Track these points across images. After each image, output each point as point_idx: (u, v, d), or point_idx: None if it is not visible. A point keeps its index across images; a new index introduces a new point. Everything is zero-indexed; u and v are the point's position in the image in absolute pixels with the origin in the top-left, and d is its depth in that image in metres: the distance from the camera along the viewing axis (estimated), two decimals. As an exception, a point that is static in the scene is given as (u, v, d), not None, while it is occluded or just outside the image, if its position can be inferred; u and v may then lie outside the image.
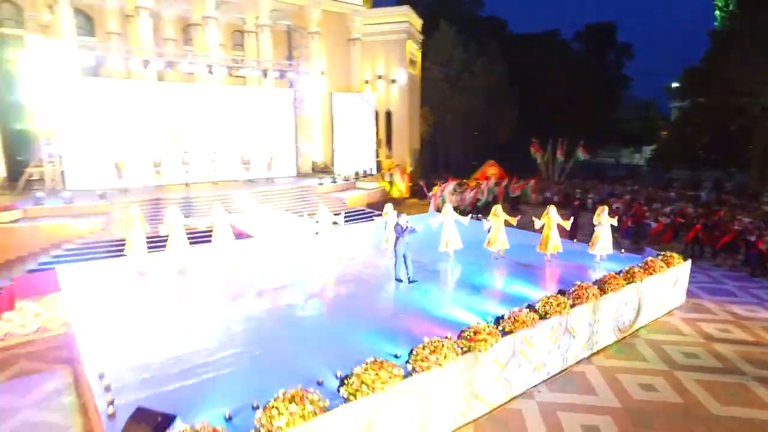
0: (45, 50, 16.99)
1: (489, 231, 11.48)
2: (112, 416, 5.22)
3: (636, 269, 9.58)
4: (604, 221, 11.05)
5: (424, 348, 6.16)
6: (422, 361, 6.05)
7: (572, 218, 12.04)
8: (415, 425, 6.00)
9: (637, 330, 9.71)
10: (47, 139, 17.50)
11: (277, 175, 22.67)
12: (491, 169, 27.71)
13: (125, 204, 16.04)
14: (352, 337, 7.16)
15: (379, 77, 27.70)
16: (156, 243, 12.32)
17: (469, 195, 20.88)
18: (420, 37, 29.26)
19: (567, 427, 6.63)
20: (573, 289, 8.45)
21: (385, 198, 23.21)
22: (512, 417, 6.86)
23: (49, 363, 8.51)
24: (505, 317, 7.29)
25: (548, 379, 7.84)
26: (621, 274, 9.34)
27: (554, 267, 10.93)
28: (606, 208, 11.49)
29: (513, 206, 22.99)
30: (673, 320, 10.27)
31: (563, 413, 6.95)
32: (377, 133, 28.73)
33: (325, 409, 5.15)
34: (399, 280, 9.60)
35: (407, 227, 9.37)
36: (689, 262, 11.19)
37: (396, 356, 6.35)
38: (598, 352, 8.78)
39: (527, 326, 7.27)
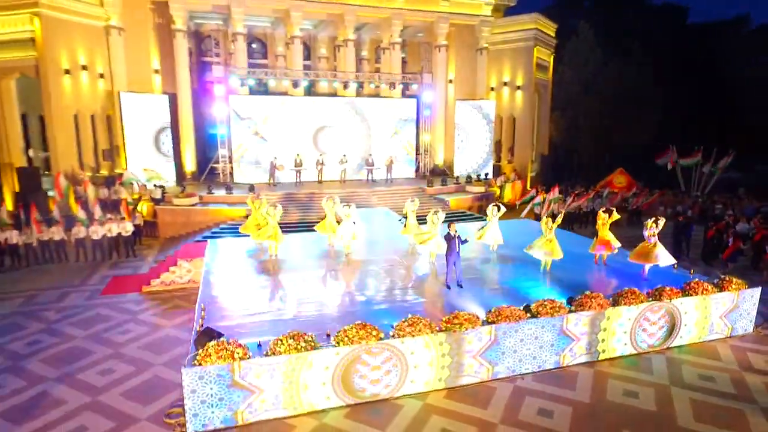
0: (223, 74, 22.43)
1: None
2: (199, 330, 8.36)
3: (667, 289, 9.72)
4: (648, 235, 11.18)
5: (404, 322, 8.06)
6: (400, 330, 7.96)
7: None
8: (393, 377, 7.93)
9: (670, 348, 9.82)
10: (222, 143, 23.10)
11: (398, 176, 25.53)
12: (619, 178, 26.34)
13: (268, 197, 20.53)
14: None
15: (505, 84, 28.42)
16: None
17: (573, 204, 20.74)
18: (553, 41, 29.01)
19: (525, 407, 7.81)
20: (580, 297, 9.25)
21: (493, 202, 24.27)
22: (484, 392, 8.25)
23: (191, 303, 12.41)
24: (492, 310, 8.67)
25: (539, 371, 8.88)
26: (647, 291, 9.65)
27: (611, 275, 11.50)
28: (658, 220, 11.35)
29: (630, 218, 21.94)
30: (720, 346, 9.97)
31: (530, 398, 8.08)
32: (500, 139, 29.59)
33: (314, 347, 7.50)
34: (448, 287, 10.60)
35: (456, 236, 10.49)
36: (758, 289, 10.53)
37: (392, 326, 8.31)
38: (606, 359, 9.32)
39: (510, 320, 8.53)
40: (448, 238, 10.64)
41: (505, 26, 27.79)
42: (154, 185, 21.06)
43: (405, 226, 13.78)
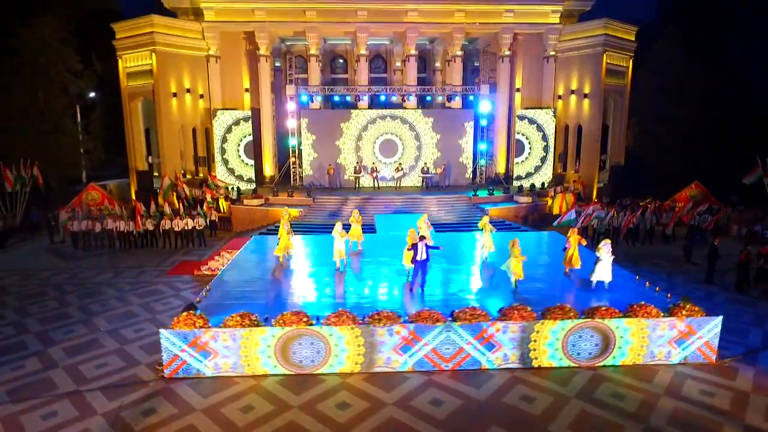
0: (295, 92, 25.76)
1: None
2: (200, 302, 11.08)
3: (602, 308, 10.07)
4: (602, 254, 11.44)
5: (333, 314, 9.87)
6: (327, 320, 9.80)
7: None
8: (317, 355, 9.79)
9: (605, 366, 10.12)
10: (293, 151, 26.52)
11: (455, 183, 26.73)
12: (693, 191, 24.27)
13: (322, 200, 23.40)
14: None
15: (572, 92, 27.68)
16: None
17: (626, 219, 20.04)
18: (631, 45, 27.37)
19: (422, 396, 9.06)
20: (506, 308, 10.13)
21: (543, 213, 24.25)
22: (397, 379, 9.65)
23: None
24: (409, 313, 10.05)
25: (458, 369, 9.97)
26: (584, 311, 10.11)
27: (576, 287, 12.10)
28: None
29: (692, 235, 20.43)
30: (665, 371, 9.95)
31: (434, 389, 9.27)
32: (567, 148, 28.91)
33: (256, 325, 9.70)
34: (411, 291, 12.14)
35: (420, 243, 11.80)
36: (718, 318, 10.22)
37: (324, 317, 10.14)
38: (537, 367, 10.01)
39: (428, 322, 9.80)
40: (414, 244, 12.08)
41: (573, 33, 27.15)
42: (231, 187, 25.10)
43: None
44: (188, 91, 26.22)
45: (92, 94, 30.11)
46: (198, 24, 26.12)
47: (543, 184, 26.46)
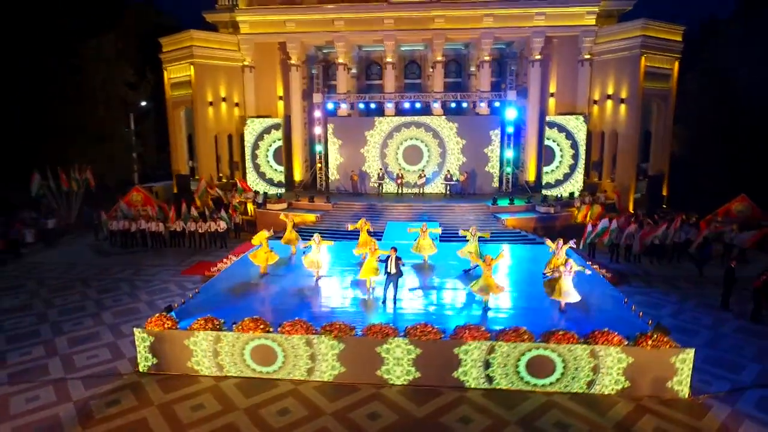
0: (321, 99, 26.59)
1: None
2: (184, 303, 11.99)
3: (559, 333, 9.75)
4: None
5: (289, 323, 10.33)
6: (282, 329, 10.28)
7: None
8: (273, 361, 10.30)
9: (563, 393, 9.81)
10: (319, 157, 27.38)
11: (479, 191, 26.38)
12: (738, 205, 22.24)
13: (341, 206, 24.03)
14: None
15: (608, 97, 26.27)
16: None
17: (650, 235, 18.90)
18: (677, 46, 25.47)
19: (364, 408, 9.30)
20: (459, 327, 10.10)
21: (568, 225, 23.31)
22: (348, 390, 9.92)
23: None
24: (366, 326, 10.27)
25: (409, 384, 10.10)
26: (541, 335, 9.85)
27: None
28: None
29: (727, 252, 18.89)
30: (625, 403, 9.44)
31: (377, 402, 9.46)
32: (602, 156, 27.53)
33: (219, 329, 10.38)
34: (383, 303, 12.18)
35: (390, 257, 11.97)
36: (690, 351, 9.54)
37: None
38: (488, 389, 9.91)
39: (378, 336, 10.00)
40: (380, 259, 12.32)
41: (610, 35, 25.79)
42: (257, 192, 26.34)
43: (416, 244, 15.60)
44: (224, 99, 27.88)
45: (143, 103, 32.72)
46: (234, 36, 27.70)
47: (571, 194, 25.38)
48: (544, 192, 26.18)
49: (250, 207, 25.04)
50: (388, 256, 12.11)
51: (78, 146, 26.85)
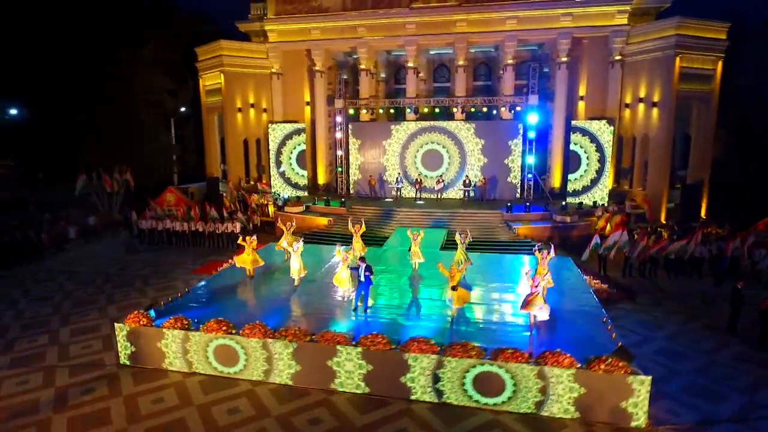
0: (342, 105, 27.13)
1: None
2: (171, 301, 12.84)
3: (508, 352, 9.50)
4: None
5: (248, 326, 10.80)
6: (242, 330, 10.76)
7: None
8: (239, 359, 10.81)
9: (511, 412, 9.55)
10: (339, 162, 27.94)
11: (499, 197, 25.86)
12: (782, 219, 20.32)
13: (355, 211, 24.40)
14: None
15: (641, 100, 24.79)
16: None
17: (656, 248, 17.81)
18: (719, 46, 23.54)
19: (303, 407, 9.61)
20: (408, 340, 10.11)
21: (586, 235, 22.32)
22: (296, 394, 10.22)
23: (231, 288, 17.36)
24: (315, 335, 10.54)
25: (351, 393, 10.24)
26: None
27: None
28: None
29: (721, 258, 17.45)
30: (573, 427, 9.11)
31: (321, 407, 9.71)
32: (633, 162, 26.07)
33: (187, 329, 11.04)
34: (354, 310, 12.35)
35: (361, 266, 12.14)
36: (647, 378, 8.98)
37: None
38: (437, 403, 9.83)
39: (330, 344, 10.22)
40: (352, 267, 12.53)
41: (643, 35, 24.36)
42: (278, 194, 27.30)
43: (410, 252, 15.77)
44: (252, 105, 29.14)
45: (182, 109, 34.84)
46: (263, 45, 28.88)
47: (594, 202, 24.24)
48: (569, 200, 25.19)
49: (271, 209, 26.02)
50: (359, 266, 12.32)
51: (119, 149, 29.07)
